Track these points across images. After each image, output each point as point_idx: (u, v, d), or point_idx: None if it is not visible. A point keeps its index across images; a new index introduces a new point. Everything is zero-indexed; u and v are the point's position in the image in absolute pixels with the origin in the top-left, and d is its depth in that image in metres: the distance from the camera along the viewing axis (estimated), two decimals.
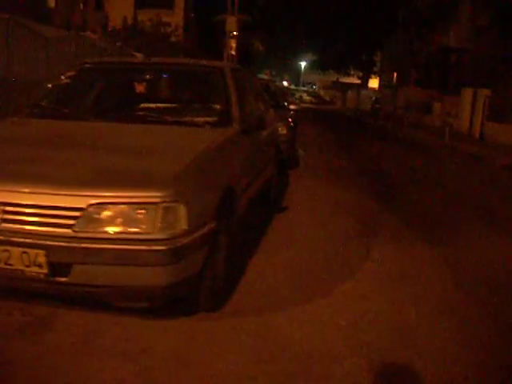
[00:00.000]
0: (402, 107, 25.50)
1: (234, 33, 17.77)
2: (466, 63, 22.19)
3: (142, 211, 2.58)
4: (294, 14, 35.54)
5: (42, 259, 2.53)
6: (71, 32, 11.61)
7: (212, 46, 27.78)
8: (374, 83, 46.43)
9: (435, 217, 6.36)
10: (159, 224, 2.57)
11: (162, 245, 2.56)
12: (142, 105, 4.16)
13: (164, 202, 2.58)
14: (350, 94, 49.39)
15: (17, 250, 2.55)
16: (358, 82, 49.16)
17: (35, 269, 2.56)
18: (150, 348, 2.80)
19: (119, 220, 2.58)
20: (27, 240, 2.54)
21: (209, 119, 3.81)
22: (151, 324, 3.07)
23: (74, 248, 2.53)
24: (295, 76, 71.47)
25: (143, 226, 2.57)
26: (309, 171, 8.87)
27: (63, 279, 2.60)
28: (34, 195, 2.60)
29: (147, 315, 3.10)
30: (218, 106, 4.07)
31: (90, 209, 2.55)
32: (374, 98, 35.52)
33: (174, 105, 4.15)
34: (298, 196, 6.82)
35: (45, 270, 2.56)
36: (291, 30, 37.82)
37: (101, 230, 2.57)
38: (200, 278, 2.94)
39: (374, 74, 45.35)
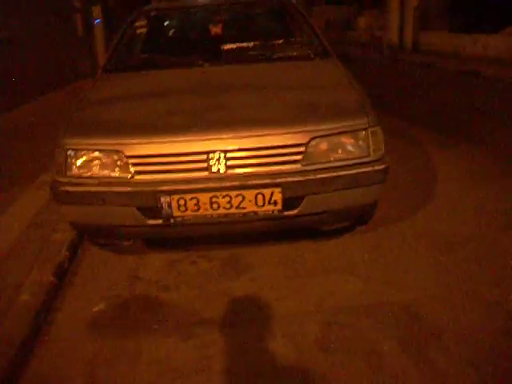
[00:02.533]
0: (322, 26, 25.75)
1: None
2: None
3: (356, 138, 2.83)
4: None
5: (277, 196, 2.72)
6: None
7: None
8: None
9: (434, 122, 6.76)
10: (372, 147, 2.83)
11: (378, 165, 2.83)
12: (225, 46, 4.20)
13: (370, 126, 2.84)
14: None
15: (251, 193, 2.71)
16: None
17: (269, 207, 2.75)
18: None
19: (338, 149, 2.82)
20: (263, 181, 2.69)
21: (311, 52, 3.97)
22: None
23: (306, 181, 2.73)
24: None
25: (359, 151, 2.84)
26: None
27: (293, 212, 2.81)
28: (254, 138, 2.73)
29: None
30: (305, 39, 4.22)
31: (312, 142, 2.75)
32: None
33: (257, 42, 4.22)
34: None
35: (279, 207, 2.75)
36: None
37: (325, 160, 2.79)
38: None
39: None
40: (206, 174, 2.71)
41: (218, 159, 2.69)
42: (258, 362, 2.33)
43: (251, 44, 4.14)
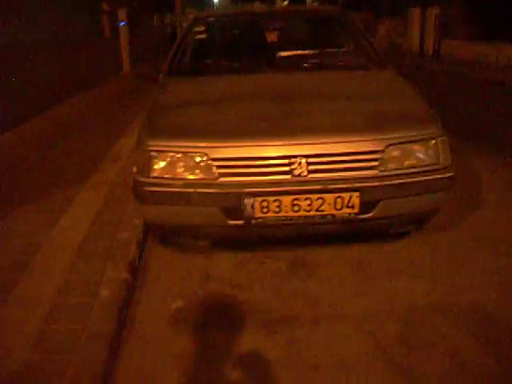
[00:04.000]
0: None
1: None
2: None
3: (427, 146, 2.97)
4: None
5: (355, 200, 2.85)
6: None
7: None
8: None
9: (467, 131, 6.84)
10: (442, 155, 2.96)
11: (447, 172, 2.97)
12: (282, 53, 4.33)
13: (440, 135, 2.98)
14: None
15: (331, 196, 2.83)
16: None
17: (347, 210, 2.88)
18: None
19: (411, 156, 2.96)
20: (343, 185, 2.82)
21: (368, 62, 4.11)
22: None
23: (383, 186, 2.86)
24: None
25: (430, 158, 2.99)
26: None
27: (368, 215, 2.93)
28: (335, 144, 2.87)
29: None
30: (360, 49, 4.34)
31: (388, 149, 2.88)
32: None
33: (312, 51, 4.35)
34: None
35: (356, 210, 2.88)
36: None
37: (399, 166, 2.92)
38: None
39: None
40: (288, 177, 2.84)
41: (300, 164, 2.82)
42: (345, 356, 2.45)
43: (307, 52, 4.27)
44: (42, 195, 4.46)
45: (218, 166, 2.88)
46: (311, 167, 2.86)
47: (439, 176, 2.97)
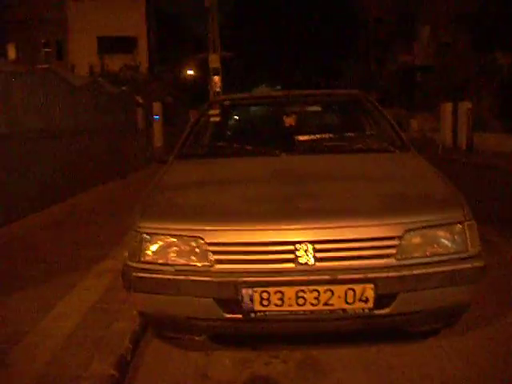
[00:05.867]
0: None
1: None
2: (432, 80, 23.17)
3: (453, 231, 2.62)
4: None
5: (369, 293, 2.48)
6: (89, 78, 11.46)
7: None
8: None
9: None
10: (469, 242, 2.60)
11: (476, 261, 2.58)
12: (298, 137, 4.13)
13: (466, 220, 2.62)
14: None
15: (341, 288, 2.48)
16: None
17: (360, 304, 2.51)
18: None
19: (434, 243, 2.61)
20: (355, 276, 2.47)
21: (390, 145, 3.86)
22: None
23: (401, 277, 2.50)
24: None
25: (456, 246, 2.62)
26: None
27: (385, 311, 2.54)
28: (346, 229, 2.54)
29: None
30: (382, 132, 4.12)
31: (407, 235, 2.54)
32: None
33: (331, 135, 4.14)
34: None
35: (370, 305, 2.51)
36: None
37: (420, 255, 2.56)
38: None
39: None
40: (292, 265, 2.51)
41: (306, 250, 2.50)
42: None
43: (326, 136, 4.07)
44: (44, 280, 4.24)
45: (214, 252, 2.58)
46: (318, 255, 2.52)
47: (467, 266, 2.58)
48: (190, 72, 31.42)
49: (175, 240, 2.65)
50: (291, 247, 2.51)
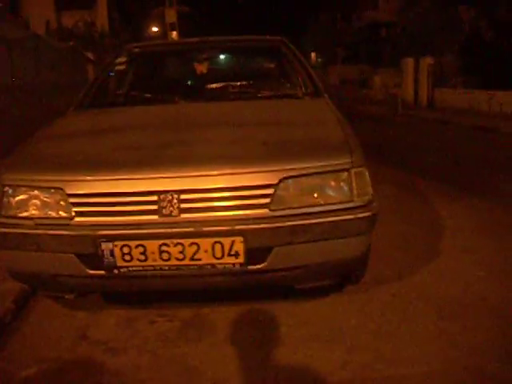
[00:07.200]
0: (337, 84, 25.92)
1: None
2: (398, 36, 22.89)
3: (337, 179, 2.41)
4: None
5: (239, 247, 2.29)
6: (29, 32, 10.89)
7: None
8: None
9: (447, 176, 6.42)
10: (355, 191, 2.41)
11: (363, 212, 2.39)
12: (210, 84, 3.89)
13: (354, 167, 2.42)
14: None
15: (207, 241, 2.28)
16: None
17: (229, 259, 2.32)
18: None
19: (315, 192, 2.40)
20: (221, 228, 2.28)
21: (302, 91, 3.65)
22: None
23: (276, 228, 2.30)
24: None
25: (340, 195, 2.41)
26: None
27: (259, 266, 2.37)
28: (214, 178, 2.34)
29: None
30: (297, 79, 3.90)
31: (283, 184, 2.34)
32: None
33: (242, 82, 3.90)
34: None
35: (241, 260, 2.32)
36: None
37: (298, 205, 2.36)
38: None
39: None
40: (155, 217, 2.30)
41: (171, 201, 2.29)
42: None
43: (236, 83, 3.83)
44: None
45: (75, 204, 2.35)
46: (184, 205, 2.30)
47: (352, 217, 2.37)
48: (155, 29, 30.53)
49: (37, 192, 2.42)
50: (155, 197, 2.30)
